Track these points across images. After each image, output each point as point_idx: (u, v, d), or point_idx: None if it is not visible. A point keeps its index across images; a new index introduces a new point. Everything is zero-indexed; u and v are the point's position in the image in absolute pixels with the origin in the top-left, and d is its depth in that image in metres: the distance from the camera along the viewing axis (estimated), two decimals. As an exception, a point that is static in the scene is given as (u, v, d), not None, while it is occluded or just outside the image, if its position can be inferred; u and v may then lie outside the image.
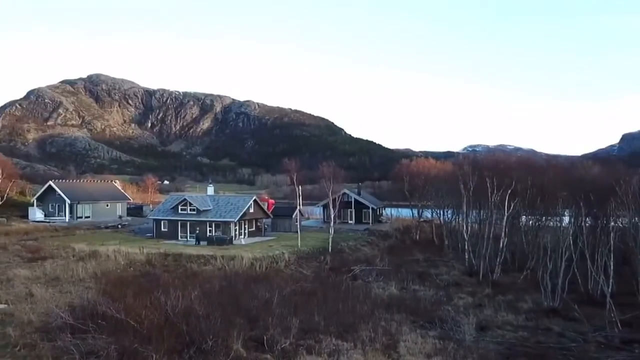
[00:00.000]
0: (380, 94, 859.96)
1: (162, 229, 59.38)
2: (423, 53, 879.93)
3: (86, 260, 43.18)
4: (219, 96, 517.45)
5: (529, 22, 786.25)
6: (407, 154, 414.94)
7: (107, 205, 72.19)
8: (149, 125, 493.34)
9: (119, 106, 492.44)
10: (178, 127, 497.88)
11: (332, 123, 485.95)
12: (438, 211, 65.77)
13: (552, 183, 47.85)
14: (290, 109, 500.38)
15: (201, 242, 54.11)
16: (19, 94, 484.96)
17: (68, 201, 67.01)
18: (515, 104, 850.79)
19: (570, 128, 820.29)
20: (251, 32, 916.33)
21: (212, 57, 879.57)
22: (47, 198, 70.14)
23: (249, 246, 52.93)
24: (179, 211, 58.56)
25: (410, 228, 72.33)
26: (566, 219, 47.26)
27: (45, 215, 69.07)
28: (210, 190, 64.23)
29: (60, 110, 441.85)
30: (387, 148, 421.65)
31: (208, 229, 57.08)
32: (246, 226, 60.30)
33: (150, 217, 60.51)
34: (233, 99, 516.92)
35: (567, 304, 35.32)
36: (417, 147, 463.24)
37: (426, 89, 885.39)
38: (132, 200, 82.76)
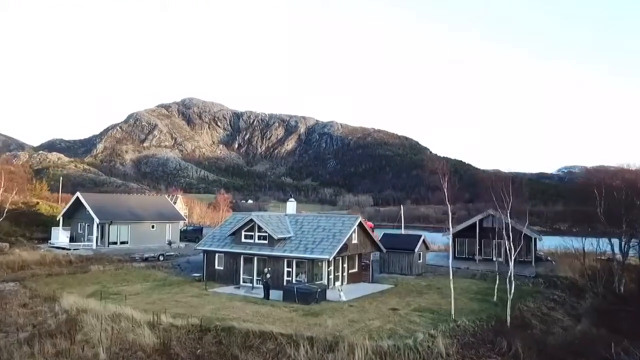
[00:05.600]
0: (466, 112, 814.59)
1: (216, 267, 36.68)
2: (509, 69, 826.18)
3: (44, 339, 20.97)
4: (303, 117, 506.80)
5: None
6: (494, 175, 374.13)
7: (153, 227, 51.23)
8: (236, 146, 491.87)
9: (209, 128, 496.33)
10: (263, 148, 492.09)
11: (417, 142, 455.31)
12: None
13: None
14: (374, 128, 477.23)
15: (272, 296, 30.51)
16: (121, 117, 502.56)
17: (97, 220, 46.82)
18: (615, 119, 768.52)
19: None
20: (334, 55, 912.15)
21: (297, 79, 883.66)
22: (77, 216, 50.67)
23: (355, 307, 28.45)
24: (242, 239, 35.56)
25: (599, 271, 44.14)
26: None
27: (72, 239, 49.54)
28: (291, 207, 40.69)
29: (155, 132, 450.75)
30: (477, 168, 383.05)
31: (285, 270, 33.48)
32: (346, 266, 36.02)
33: (199, 247, 38.25)
34: (317, 120, 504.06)
35: None
36: (505, 168, 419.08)
37: (515, 105, 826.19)
38: (187, 221, 62.01)
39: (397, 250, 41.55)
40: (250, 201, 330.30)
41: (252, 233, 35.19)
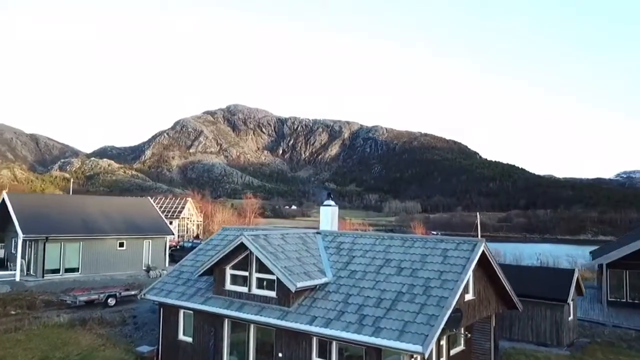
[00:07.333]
0: (517, 115, 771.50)
1: (180, 335, 17.83)
2: (566, 70, 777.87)
3: None
4: (347, 122, 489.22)
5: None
6: (551, 181, 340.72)
7: (122, 245, 33.23)
8: (280, 152, 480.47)
9: (254, 134, 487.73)
10: (307, 154, 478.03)
11: (466, 146, 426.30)
12: None
13: None
14: (420, 132, 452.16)
15: None
16: (168, 124, 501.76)
17: (21, 235, 29.52)
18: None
19: None
20: (380, 58, 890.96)
21: (342, 84, 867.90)
22: (10, 228, 33.34)
23: None
24: (227, 284, 16.55)
25: None
26: None
27: (3, 264, 32.50)
28: (329, 216, 20.90)
29: (201, 139, 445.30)
30: (532, 173, 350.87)
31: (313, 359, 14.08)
32: (444, 344, 16.21)
33: (149, 296, 19.67)
34: (361, 125, 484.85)
35: None
36: (560, 174, 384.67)
37: (571, 109, 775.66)
38: (175, 236, 43.67)
39: (529, 299, 21.23)
40: (293, 207, 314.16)
41: (246, 273, 16.11)
